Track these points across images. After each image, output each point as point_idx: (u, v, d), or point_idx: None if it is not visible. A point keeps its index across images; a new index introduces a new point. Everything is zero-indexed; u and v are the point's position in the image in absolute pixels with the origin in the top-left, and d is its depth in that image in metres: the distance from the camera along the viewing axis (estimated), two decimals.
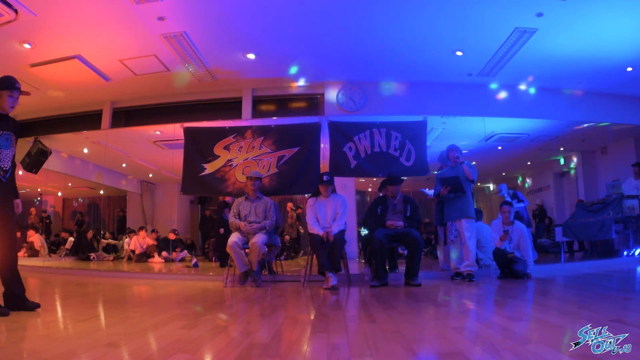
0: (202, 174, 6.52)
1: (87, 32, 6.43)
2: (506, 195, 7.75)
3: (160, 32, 6.44)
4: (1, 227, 3.31)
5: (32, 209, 12.50)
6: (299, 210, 11.20)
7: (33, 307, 3.35)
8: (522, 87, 8.41)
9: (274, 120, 8.13)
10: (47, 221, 12.67)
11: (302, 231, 11.42)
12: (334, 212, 5.46)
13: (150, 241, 10.69)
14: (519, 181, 13.03)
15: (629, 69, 7.60)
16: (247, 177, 5.84)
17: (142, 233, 10.65)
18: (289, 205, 12.03)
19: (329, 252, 5.17)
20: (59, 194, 13.42)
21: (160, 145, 9.90)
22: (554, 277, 5.75)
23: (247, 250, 5.37)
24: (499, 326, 2.71)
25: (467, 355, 2.00)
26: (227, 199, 8.81)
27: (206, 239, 12.03)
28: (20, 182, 3.55)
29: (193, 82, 8.12)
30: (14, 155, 3.44)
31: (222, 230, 8.45)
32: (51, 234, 12.42)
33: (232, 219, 5.64)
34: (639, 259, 7.61)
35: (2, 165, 3.32)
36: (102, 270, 8.09)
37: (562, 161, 11.24)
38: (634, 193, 7.98)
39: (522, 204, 7.67)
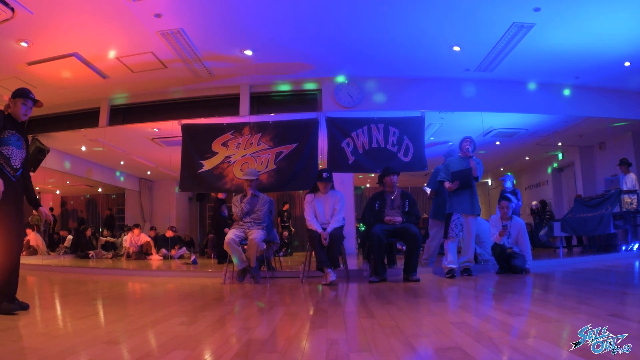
0: (200, 170, 6.51)
1: (84, 30, 6.39)
2: (510, 185, 7.77)
3: (157, 29, 6.41)
4: (9, 227, 3.31)
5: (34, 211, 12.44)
6: None
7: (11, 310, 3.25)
8: (520, 82, 8.40)
9: (272, 117, 8.11)
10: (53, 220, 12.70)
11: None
12: (332, 208, 5.46)
13: (144, 238, 10.68)
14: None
15: (627, 63, 7.59)
16: (243, 179, 5.82)
17: (136, 230, 10.64)
18: None
19: (327, 248, 5.18)
20: (58, 192, 13.40)
21: (158, 143, 9.89)
22: (552, 272, 5.77)
23: (245, 247, 5.37)
24: (498, 321, 2.72)
25: (466, 350, 2.01)
26: (221, 195, 8.82)
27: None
28: None
29: (191, 78, 8.10)
30: (25, 159, 3.49)
31: (226, 230, 8.45)
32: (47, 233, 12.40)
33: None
34: (638, 254, 7.62)
35: (12, 164, 3.35)
36: (101, 268, 8.09)
37: (560, 156, 11.26)
38: (624, 188, 8.06)
39: (519, 203, 7.70)
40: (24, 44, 6.65)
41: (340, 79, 8.19)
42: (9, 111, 3.44)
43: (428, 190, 6.93)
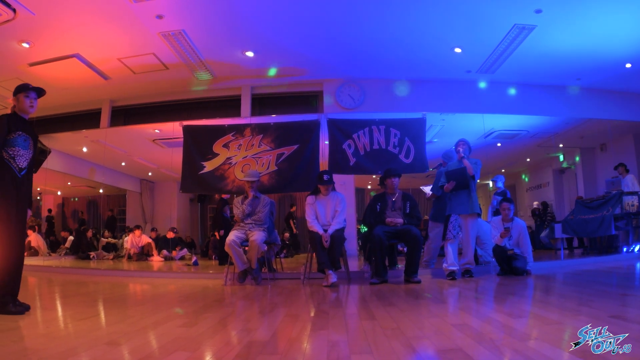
0: (202, 172, 6.51)
1: (86, 31, 6.41)
2: (502, 186, 7.78)
3: (158, 30, 6.43)
4: (11, 227, 3.30)
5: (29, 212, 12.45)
6: None
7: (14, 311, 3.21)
8: (522, 83, 8.40)
9: (273, 118, 8.12)
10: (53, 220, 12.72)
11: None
12: (333, 210, 5.45)
13: (145, 240, 10.68)
14: (523, 177, 13.05)
15: (628, 65, 7.59)
16: (244, 180, 5.82)
17: (138, 232, 10.64)
18: None
19: (328, 249, 5.18)
20: (59, 192, 13.42)
21: (159, 144, 9.90)
22: (553, 274, 5.76)
23: (246, 248, 5.37)
24: (499, 323, 2.71)
25: (467, 352, 2.00)
26: (225, 196, 8.82)
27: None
28: None
29: (192, 80, 8.11)
30: (31, 159, 3.51)
31: (222, 232, 8.45)
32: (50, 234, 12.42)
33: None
34: (639, 255, 7.61)
35: (18, 163, 3.38)
36: (102, 269, 8.10)
37: (561, 158, 11.25)
38: (625, 190, 8.06)
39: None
40: (25, 45, 6.67)
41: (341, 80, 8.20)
42: (14, 110, 3.45)
43: (428, 193, 6.93)
